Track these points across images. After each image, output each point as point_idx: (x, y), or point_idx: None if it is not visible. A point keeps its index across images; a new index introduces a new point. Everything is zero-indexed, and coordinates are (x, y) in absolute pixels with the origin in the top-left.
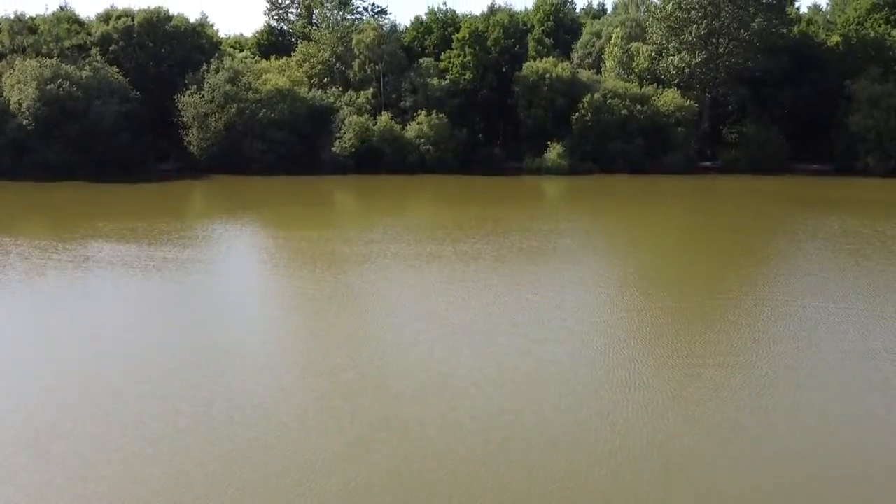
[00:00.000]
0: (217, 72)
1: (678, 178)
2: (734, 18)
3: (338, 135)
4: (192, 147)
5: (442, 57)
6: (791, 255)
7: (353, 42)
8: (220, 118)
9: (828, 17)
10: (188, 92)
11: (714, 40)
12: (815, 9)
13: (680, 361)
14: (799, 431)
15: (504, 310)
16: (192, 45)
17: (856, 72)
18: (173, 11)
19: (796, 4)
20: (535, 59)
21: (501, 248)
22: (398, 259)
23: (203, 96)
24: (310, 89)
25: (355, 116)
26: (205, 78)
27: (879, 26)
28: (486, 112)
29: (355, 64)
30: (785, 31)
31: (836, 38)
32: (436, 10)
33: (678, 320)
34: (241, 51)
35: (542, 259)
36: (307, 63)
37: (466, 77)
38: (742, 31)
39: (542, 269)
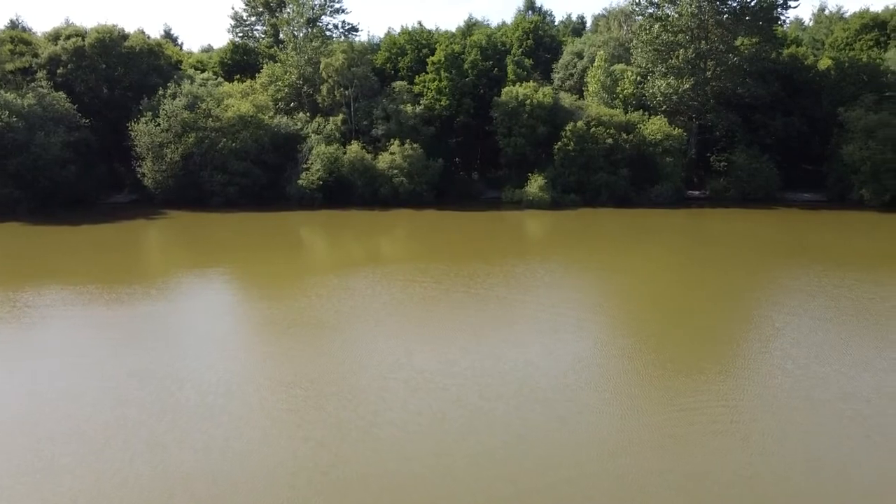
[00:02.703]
0: (174, 97)
1: (666, 212)
2: (722, 41)
3: (305, 166)
4: (146, 180)
5: (416, 80)
6: (787, 346)
7: (322, 66)
8: (177, 148)
9: (814, 35)
10: (143, 119)
11: (701, 64)
12: (798, 23)
13: None
14: None
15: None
16: (149, 66)
17: (849, 98)
18: (137, 26)
19: (781, 20)
20: (514, 83)
21: (473, 335)
22: (340, 358)
23: (158, 124)
24: (275, 114)
25: (323, 146)
26: (161, 104)
27: (869, 48)
28: (463, 139)
29: (324, 88)
30: (774, 54)
31: (827, 62)
32: (410, 29)
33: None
34: (203, 71)
35: (515, 352)
36: (273, 86)
37: (442, 103)
38: (730, 54)
39: (512, 378)
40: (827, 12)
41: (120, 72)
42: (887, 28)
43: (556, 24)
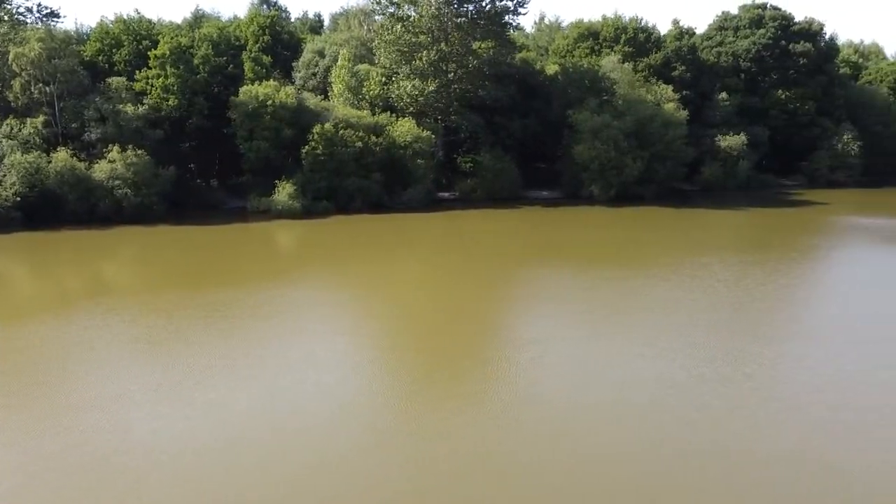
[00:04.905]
0: None
1: (420, 216)
2: (461, 44)
3: None
4: None
5: (137, 76)
6: (557, 360)
7: (11, 56)
8: None
9: (538, 42)
10: None
11: (444, 66)
12: (522, 31)
13: None
14: None
15: None
16: None
17: (576, 102)
18: None
19: (511, 25)
20: (253, 82)
21: (213, 385)
22: (23, 446)
23: None
24: None
25: (19, 154)
26: None
27: (587, 56)
28: (198, 143)
29: (16, 83)
30: (509, 58)
31: (554, 68)
32: (125, 17)
33: None
34: None
35: (267, 407)
36: None
37: (170, 102)
38: (470, 57)
39: (268, 446)
40: (547, 21)
41: None
42: (599, 38)
43: (292, 20)
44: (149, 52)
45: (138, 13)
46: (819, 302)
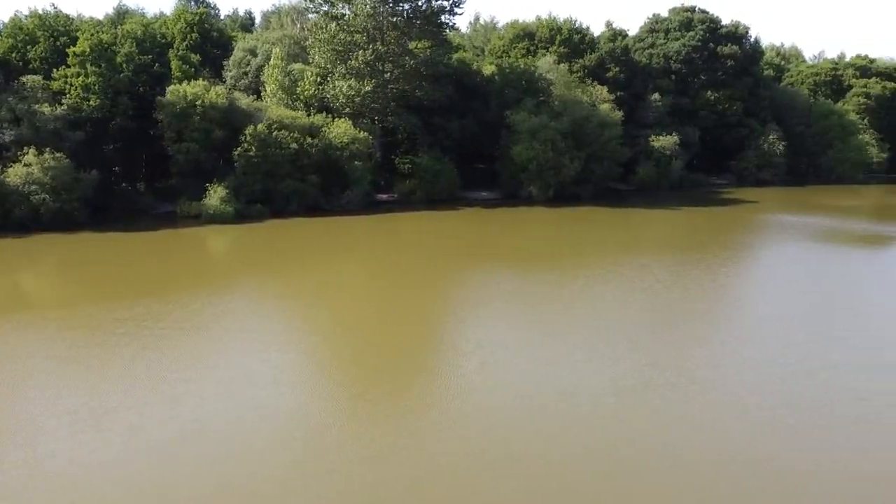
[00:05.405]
0: None
1: (359, 219)
2: (397, 44)
3: None
4: None
5: (55, 75)
6: (501, 372)
7: None
8: None
9: (473, 42)
10: None
11: (380, 66)
12: (456, 31)
13: None
14: None
15: None
16: None
17: (513, 102)
18: None
19: (447, 25)
20: (181, 81)
21: (135, 407)
22: None
23: None
24: None
25: None
26: None
27: (523, 56)
28: (122, 145)
29: None
30: (446, 58)
31: (490, 68)
32: (41, 12)
33: None
34: None
35: (199, 432)
36: None
37: (91, 102)
38: (406, 57)
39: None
40: (482, 21)
41: None
42: (535, 38)
43: (222, 18)
44: (67, 50)
45: (55, 8)
46: (755, 301)
